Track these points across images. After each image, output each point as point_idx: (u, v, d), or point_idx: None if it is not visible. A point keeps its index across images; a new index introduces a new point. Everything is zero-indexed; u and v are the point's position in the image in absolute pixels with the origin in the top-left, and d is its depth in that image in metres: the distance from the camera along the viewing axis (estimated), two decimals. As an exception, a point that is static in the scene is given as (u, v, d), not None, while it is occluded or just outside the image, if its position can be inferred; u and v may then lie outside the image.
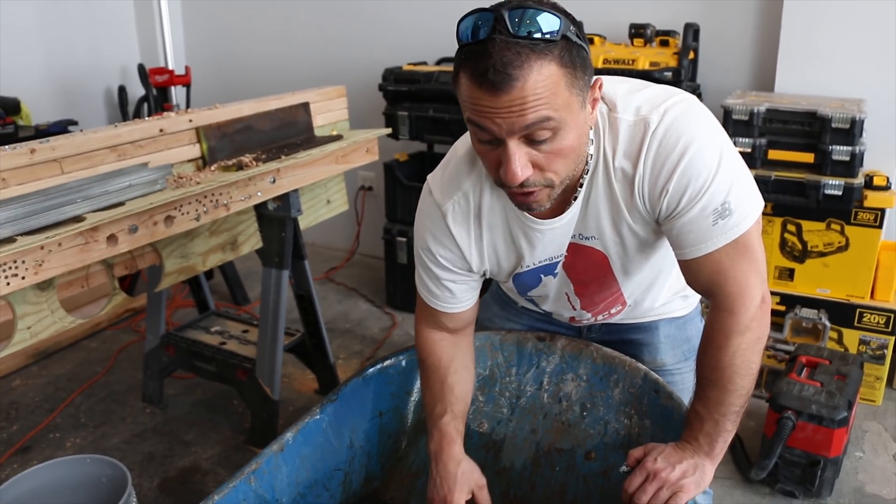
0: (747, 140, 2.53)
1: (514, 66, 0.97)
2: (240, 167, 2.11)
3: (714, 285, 1.18)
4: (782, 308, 2.65)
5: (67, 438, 2.55)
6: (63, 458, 1.85)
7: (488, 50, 0.98)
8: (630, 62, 2.80)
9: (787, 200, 2.54)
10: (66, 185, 1.77)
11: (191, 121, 2.10)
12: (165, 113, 2.21)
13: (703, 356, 1.24)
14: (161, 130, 2.02)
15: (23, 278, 1.60)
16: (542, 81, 0.99)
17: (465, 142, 1.29)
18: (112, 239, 1.77)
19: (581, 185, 1.20)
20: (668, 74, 2.73)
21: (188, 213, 1.95)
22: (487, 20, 0.99)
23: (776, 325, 2.66)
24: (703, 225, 1.13)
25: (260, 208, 2.35)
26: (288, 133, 2.44)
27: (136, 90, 4.02)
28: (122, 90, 3.97)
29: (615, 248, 1.27)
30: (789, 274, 2.66)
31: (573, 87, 1.03)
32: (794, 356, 2.41)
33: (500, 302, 1.65)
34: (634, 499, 1.21)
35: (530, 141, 1.04)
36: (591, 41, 2.95)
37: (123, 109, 3.97)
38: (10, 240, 1.60)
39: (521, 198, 1.12)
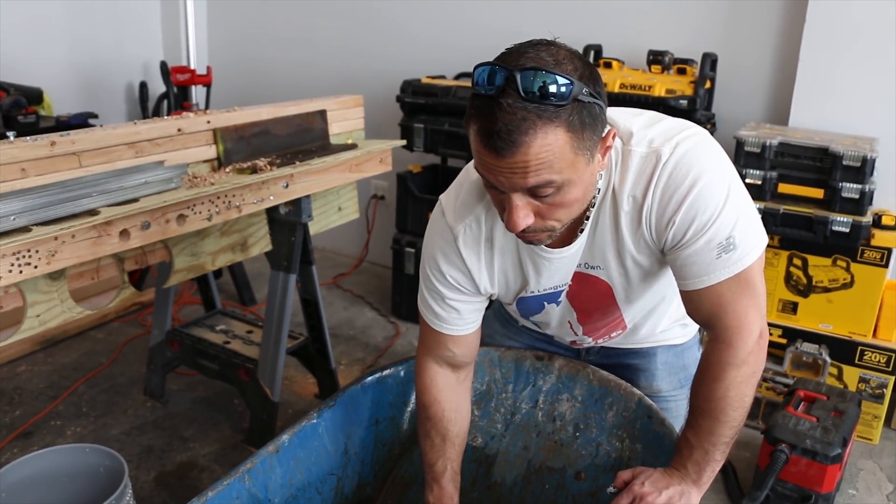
0: (758, 172, 2.55)
1: (520, 132, 0.98)
2: (254, 170, 2.14)
3: (714, 317, 1.20)
4: (783, 341, 2.66)
5: (68, 426, 2.58)
6: (62, 447, 1.88)
7: (495, 113, 0.99)
8: (646, 88, 2.83)
9: (794, 234, 2.55)
10: (84, 178, 1.80)
11: (209, 122, 2.13)
12: (184, 112, 2.25)
13: (697, 386, 1.25)
14: (179, 130, 2.05)
15: (35, 267, 1.63)
16: (546, 147, 1.00)
17: (472, 172, 1.29)
18: (125, 234, 1.80)
19: (588, 218, 1.22)
20: (684, 103, 2.75)
21: (200, 212, 1.98)
22: (498, 77, 0.99)
23: (776, 358, 2.67)
24: (707, 258, 1.15)
25: (271, 212, 2.38)
26: (304, 139, 2.47)
27: (157, 87, 4.08)
28: (143, 86, 4.02)
29: (619, 280, 1.29)
30: (793, 307, 2.67)
31: (580, 149, 1.03)
32: (792, 390, 2.41)
33: (501, 320, 1.67)
34: None
35: (535, 194, 1.06)
36: (610, 65, 2.98)
37: (143, 105, 4.03)
38: (25, 229, 1.64)
39: (526, 238, 1.16)
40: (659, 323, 1.47)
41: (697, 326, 1.56)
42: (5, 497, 1.75)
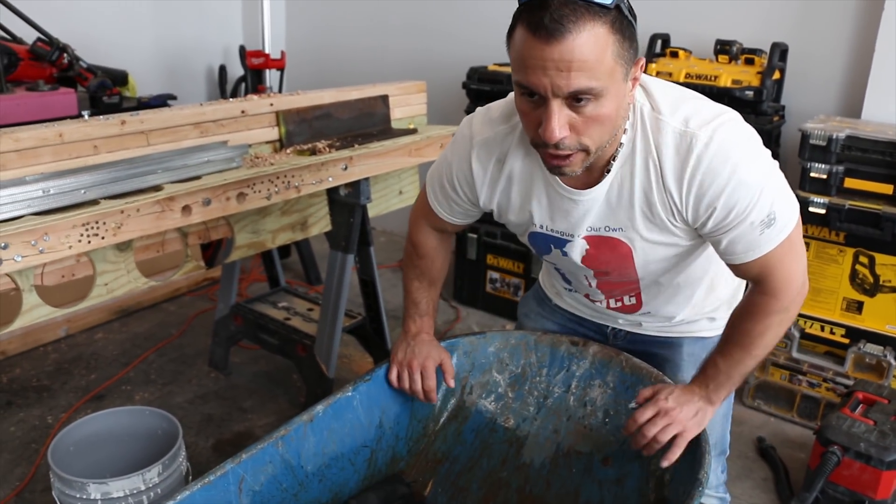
0: (823, 166, 2.48)
1: (569, 20, 1.03)
2: (313, 152, 2.22)
3: (762, 277, 1.28)
4: (846, 341, 2.58)
5: (137, 392, 2.73)
6: (126, 408, 2.00)
7: (547, 3, 1.03)
8: (712, 78, 2.78)
9: (861, 231, 2.48)
10: (150, 156, 1.91)
11: (272, 105, 2.22)
12: (250, 96, 2.33)
13: (738, 320, 1.34)
14: (243, 112, 2.14)
15: (102, 238, 1.74)
16: (592, 42, 1.04)
17: (512, 96, 1.31)
18: (186, 210, 1.90)
19: (609, 170, 1.25)
20: (750, 94, 2.69)
21: (260, 191, 2.06)
22: None
23: (837, 358, 2.61)
24: (751, 236, 1.22)
25: (332, 193, 2.45)
26: (365, 123, 2.53)
27: (236, 70, 4.22)
28: (222, 69, 4.17)
29: (642, 244, 1.32)
30: (857, 307, 2.59)
31: (619, 57, 1.08)
32: (850, 391, 2.35)
33: (537, 298, 1.73)
34: (643, 429, 1.32)
35: (572, 104, 1.09)
36: (676, 55, 2.94)
37: (222, 87, 4.17)
38: (94, 202, 1.75)
39: (555, 160, 1.17)
40: (683, 309, 1.51)
41: (725, 322, 1.52)
42: (73, 450, 1.89)
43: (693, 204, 1.21)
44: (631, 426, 1.35)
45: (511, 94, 1.34)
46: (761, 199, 1.18)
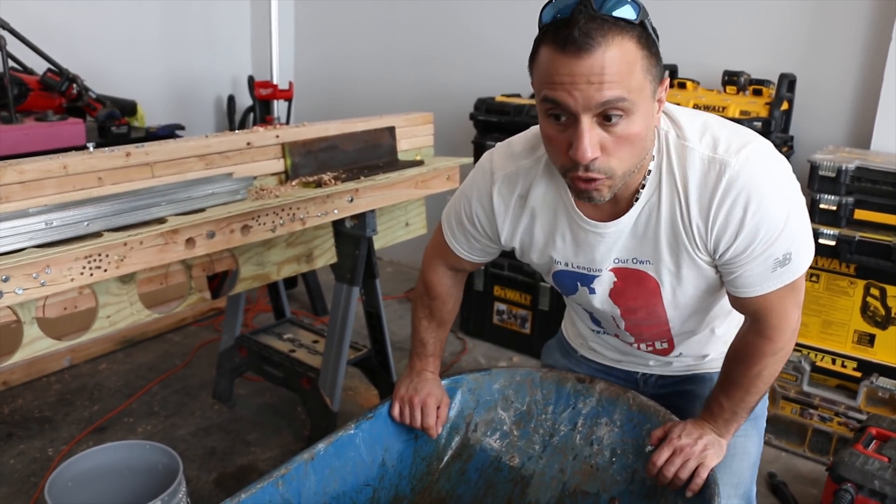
0: (833, 197, 2.46)
1: (598, 34, 1.02)
2: (319, 184, 2.21)
3: (759, 315, 1.28)
4: (858, 374, 2.54)
5: (140, 424, 2.70)
6: (126, 442, 1.97)
7: (574, 19, 1.03)
8: (720, 109, 2.77)
9: (871, 263, 2.45)
10: (154, 188, 1.90)
11: (277, 136, 2.21)
12: (255, 127, 2.33)
13: (734, 363, 1.35)
14: (248, 144, 2.14)
15: (105, 270, 1.73)
16: (621, 56, 1.04)
17: (535, 129, 1.34)
18: (190, 242, 1.89)
19: (637, 199, 1.24)
20: (758, 125, 2.68)
21: (264, 223, 2.05)
22: (572, 3, 1.05)
23: (850, 392, 2.56)
24: (764, 271, 1.21)
25: (338, 225, 2.44)
26: (371, 155, 2.53)
27: (245, 100, 4.25)
28: (231, 99, 4.19)
29: (669, 278, 1.30)
30: (869, 340, 2.55)
31: (648, 73, 1.08)
32: (863, 426, 2.31)
33: (562, 350, 1.71)
34: (663, 471, 1.32)
35: (602, 122, 1.08)
36: (684, 85, 2.94)
37: (231, 118, 4.20)
38: (97, 234, 1.74)
39: (583, 184, 1.14)
40: (713, 347, 1.51)
41: None
42: (72, 485, 1.86)
43: (717, 233, 1.19)
44: (651, 469, 1.34)
45: (532, 129, 1.35)
46: (783, 236, 1.17)
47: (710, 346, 1.51)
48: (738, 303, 1.30)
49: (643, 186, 1.22)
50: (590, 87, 1.04)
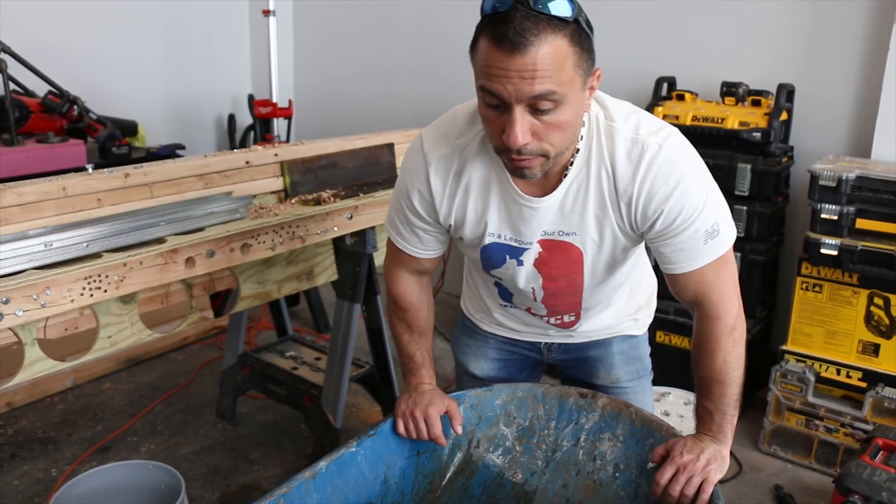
0: (833, 207, 2.46)
1: (532, 33, 1.08)
2: (318, 202, 2.21)
3: (700, 294, 1.35)
4: (863, 385, 2.53)
5: (143, 443, 2.69)
6: (129, 462, 1.97)
7: (511, 16, 1.09)
8: (719, 120, 2.77)
9: (874, 272, 2.44)
10: (154, 208, 1.91)
11: (276, 155, 2.22)
12: (255, 146, 2.34)
13: (699, 360, 1.40)
14: (247, 163, 2.14)
15: (105, 291, 1.73)
16: (553, 53, 1.10)
17: (466, 107, 1.39)
18: (190, 261, 1.89)
19: (566, 174, 1.31)
20: (757, 135, 2.68)
21: (264, 242, 2.05)
22: None
23: (855, 402, 2.55)
24: (695, 244, 1.30)
25: (338, 242, 2.44)
26: (371, 172, 2.53)
27: (245, 118, 4.26)
28: (231, 118, 4.21)
29: (592, 247, 1.38)
30: (874, 349, 2.54)
31: (578, 67, 1.14)
32: (869, 437, 2.29)
33: (466, 332, 1.75)
34: (669, 490, 1.32)
35: (534, 111, 1.15)
36: (682, 97, 2.94)
37: (231, 136, 4.21)
38: (96, 255, 1.74)
39: (518, 163, 1.22)
40: (608, 316, 1.60)
41: (649, 321, 1.70)
42: (74, 507, 1.86)
43: (643, 206, 1.29)
44: (656, 489, 1.34)
45: (461, 109, 1.41)
46: (706, 209, 1.28)
47: (608, 316, 1.60)
48: (679, 285, 1.36)
49: (571, 164, 1.30)
50: (522, 81, 1.10)
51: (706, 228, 1.29)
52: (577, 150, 1.30)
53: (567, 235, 1.37)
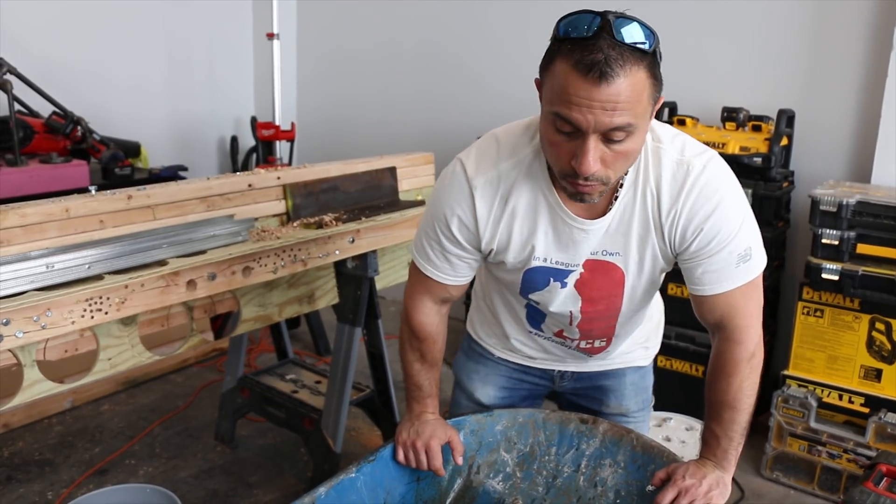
0: (834, 232, 2.46)
1: (618, 64, 1.08)
2: (320, 225, 2.21)
3: (727, 317, 1.35)
4: (866, 410, 2.52)
5: (141, 466, 2.68)
6: (126, 486, 1.96)
7: (599, 45, 1.08)
8: (720, 146, 2.78)
9: (876, 297, 2.44)
10: (156, 230, 1.91)
11: (279, 178, 2.23)
12: (257, 168, 2.35)
13: (715, 384, 1.39)
14: (250, 185, 2.15)
15: (105, 313, 1.73)
16: (634, 85, 1.10)
17: (509, 131, 1.39)
18: (191, 284, 1.89)
19: (616, 198, 1.32)
20: (758, 160, 2.69)
21: (266, 265, 2.05)
22: (595, 21, 1.10)
23: (858, 428, 2.53)
24: (728, 266, 1.31)
25: (339, 265, 2.44)
26: (373, 195, 2.54)
27: (248, 140, 4.28)
28: (234, 140, 4.22)
29: (634, 269, 1.39)
30: (876, 375, 2.53)
31: (652, 97, 1.16)
32: (873, 463, 2.27)
33: (474, 357, 1.72)
34: None
35: (606, 140, 1.15)
36: (684, 122, 2.95)
37: (234, 158, 4.22)
38: (98, 277, 1.74)
39: (581, 188, 1.21)
40: (629, 342, 1.61)
41: (657, 350, 1.72)
42: (71, 532, 1.84)
43: (683, 225, 1.30)
44: None
45: (498, 133, 1.40)
46: (741, 232, 1.29)
47: (627, 345, 1.61)
48: (707, 307, 1.36)
49: (621, 185, 1.31)
50: (604, 112, 1.10)
51: (739, 252, 1.30)
52: (626, 171, 1.30)
53: (611, 255, 1.37)
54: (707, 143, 2.73)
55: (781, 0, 2.93)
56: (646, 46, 1.10)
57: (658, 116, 2.97)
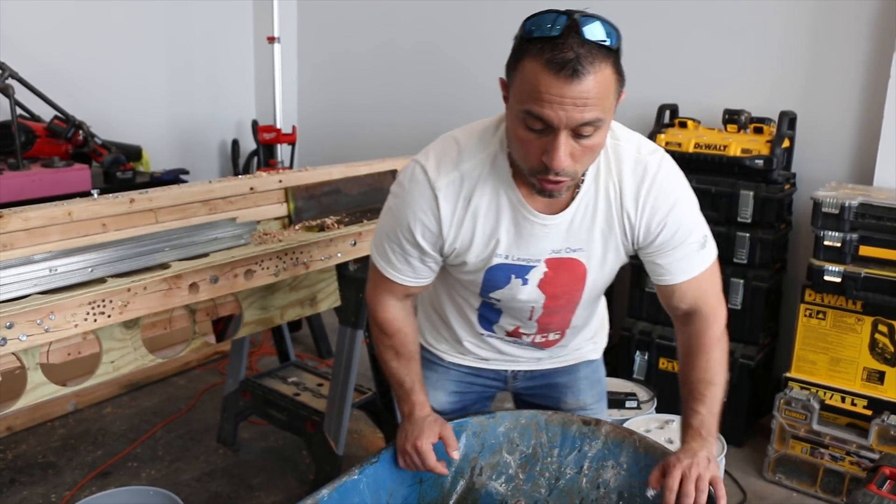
0: (836, 234, 2.46)
1: (589, 62, 1.11)
2: (322, 228, 2.22)
3: (698, 300, 1.43)
4: (868, 413, 2.52)
5: (143, 469, 2.68)
6: (129, 488, 1.97)
7: (569, 43, 1.11)
8: (721, 148, 2.79)
9: (878, 299, 2.44)
10: (158, 233, 1.91)
11: (280, 181, 2.23)
12: (258, 172, 2.35)
13: (693, 364, 1.44)
14: (252, 189, 2.15)
15: (108, 316, 1.73)
16: (603, 82, 1.14)
17: (468, 132, 1.40)
18: (194, 287, 1.89)
19: (578, 193, 1.34)
20: (760, 162, 2.69)
21: (268, 268, 2.05)
22: (562, 21, 1.13)
23: (861, 430, 2.53)
24: (691, 255, 1.39)
25: (341, 268, 2.44)
26: (375, 198, 2.54)
27: (249, 144, 4.29)
28: (235, 144, 4.23)
29: (597, 263, 1.42)
30: (879, 377, 2.53)
31: (616, 93, 1.19)
32: (876, 466, 2.27)
33: (424, 364, 1.68)
34: (683, 490, 1.31)
35: (576, 135, 1.17)
36: (685, 125, 2.96)
37: (235, 161, 4.23)
38: (101, 280, 1.74)
39: (550, 185, 1.24)
40: (581, 337, 1.66)
41: (605, 343, 1.77)
42: (74, 535, 1.85)
43: (646, 221, 1.35)
44: (669, 496, 1.31)
45: (456, 135, 1.41)
46: (697, 222, 1.38)
47: (578, 339, 1.66)
48: (678, 295, 1.42)
49: (583, 181, 1.34)
50: (575, 108, 1.13)
51: (698, 239, 1.38)
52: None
53: (574, 252, 1.40)
54: (709, 146, 2.79)
55: (782, 1, 2.93)
56: (609, 43, 1.14)
57: (659, 118, 3.00)
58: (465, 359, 1.68)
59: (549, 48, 1.12)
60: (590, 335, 1.69)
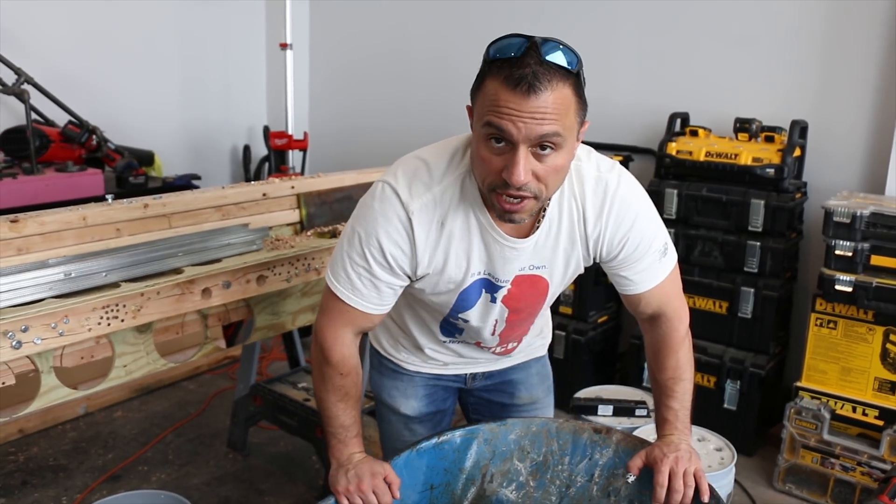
0: (848, 243, 2.45)
1: (546, 79, 1.15)
2: (334, 234, 2.23)
3: (663, 305, 1.48)
4: (880, 423, 2.51)
5: (154, 473, 2.69)
6: (139, 491, 1.98)
7: (526, 61, 1.15)
8: (732, 156, 2.79)
9: (890, 309, 2.43)
10: (171, 239, 1.92)
11: (293, 187, 2.24)
12: (270, 177, 2.36)
13: (663, 364, 1.51)
14: (264, 195, 2.17)
15: (122, 321, 1.74)
16: (561, 99, 1.17)
17: (437, 153, 1.41)
18: (206, 292, 1.90)
19: (543, 214, 1.37)
20: (771, 171, 2.69)
21: (280, 274, 2.06)
22: (522, 44, 1.18)
23: (872, 441, 2.52)
24: (653, 263, 1.43)
25: (352, 273, 2.45)
26: (385, 203, 2.55)
27: (260, 150, 4.31)
28: (246, 149, 4.25)
29: (558, 277, 1.47)
30: (890, 387, 2.52)
31: (577, 115, 1.22)
32: (888, 476, 2.26)
33: (389, 374, 1.71)
34: (672, 486, 1.36)
35: (536, 153, 1.19)
36: (696, 133, 2.96)
37: (246, 167, 4.25)
38: (115, 285, 1.76)
39: (510, 205, 1.24)
40: (532, 334, 1.69)
41: (550, 338, 1.83)
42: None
43: (609, 238, 1.39)
44: (660, 492, 1.37)
45: (424, 155, 1.41)
46: (657, 231, 1.42)
47: (532, 338, 1.71)
48: (644, 302, 1.47)
49: (548, 203, 1.36)
50: (532, 121, 1.15)
51: (659, 249, 1.42)
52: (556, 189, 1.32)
53: (537, 269, 1.43)
54: (720, 154, 2.78)
55: (794, 10, 2.93)
56: (569, 66, 1.17)
57: (671, 126, 3.00)
58: (427, 366, 1.69)
59: (507, 66, 1.16)
60: (538, 331, 1.73)
